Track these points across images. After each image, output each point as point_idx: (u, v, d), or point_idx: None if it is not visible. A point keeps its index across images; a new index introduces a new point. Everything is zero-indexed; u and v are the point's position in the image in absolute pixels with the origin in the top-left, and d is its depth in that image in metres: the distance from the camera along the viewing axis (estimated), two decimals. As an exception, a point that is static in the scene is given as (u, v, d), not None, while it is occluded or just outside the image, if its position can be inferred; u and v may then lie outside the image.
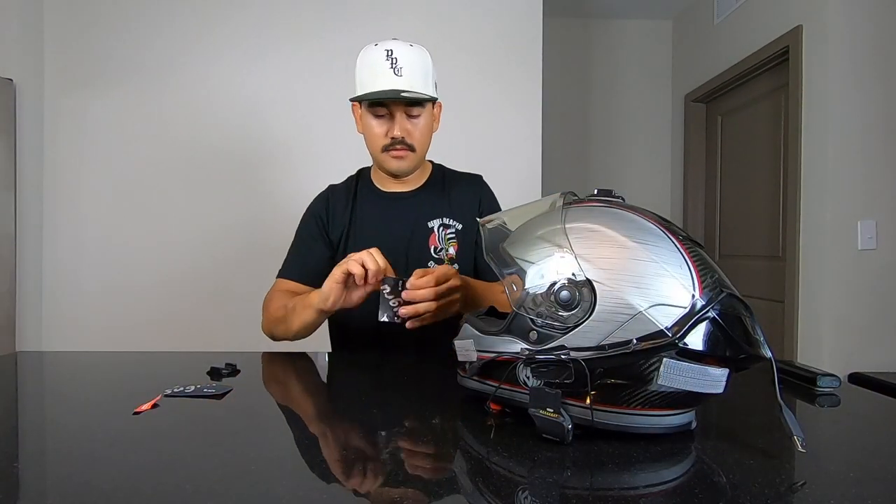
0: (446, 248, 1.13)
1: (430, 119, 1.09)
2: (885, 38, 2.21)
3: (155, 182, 2.51)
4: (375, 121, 1.06)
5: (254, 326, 1.14)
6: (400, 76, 0.99)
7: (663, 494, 0.46)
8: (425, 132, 1.09)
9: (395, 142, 1.05)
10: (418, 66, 1.02)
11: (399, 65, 0.99)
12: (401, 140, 1.05)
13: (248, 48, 2.52)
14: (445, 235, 1.13)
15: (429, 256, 1.12)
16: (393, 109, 1.04)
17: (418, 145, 1.08)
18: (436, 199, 1.16)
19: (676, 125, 3.50)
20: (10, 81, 2.33)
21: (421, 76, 1.02)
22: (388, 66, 0.99)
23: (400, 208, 1.15)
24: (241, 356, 0.93)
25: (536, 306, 0.58)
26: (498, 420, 0.62)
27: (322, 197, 1.21)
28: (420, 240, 1.12)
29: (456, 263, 1.12)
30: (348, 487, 0.47)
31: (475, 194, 1.18)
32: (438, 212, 1.14)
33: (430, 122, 1.10)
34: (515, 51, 2.60)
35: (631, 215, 0.58)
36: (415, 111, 1.05)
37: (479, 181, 1.22)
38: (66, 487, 0.46)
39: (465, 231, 1.14)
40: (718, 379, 0.53)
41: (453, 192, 1.18)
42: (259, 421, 0.66)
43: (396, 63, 0.99)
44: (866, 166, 2.22)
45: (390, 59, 1.00)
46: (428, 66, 1.05)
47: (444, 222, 1.14)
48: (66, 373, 0.97)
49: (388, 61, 1.00)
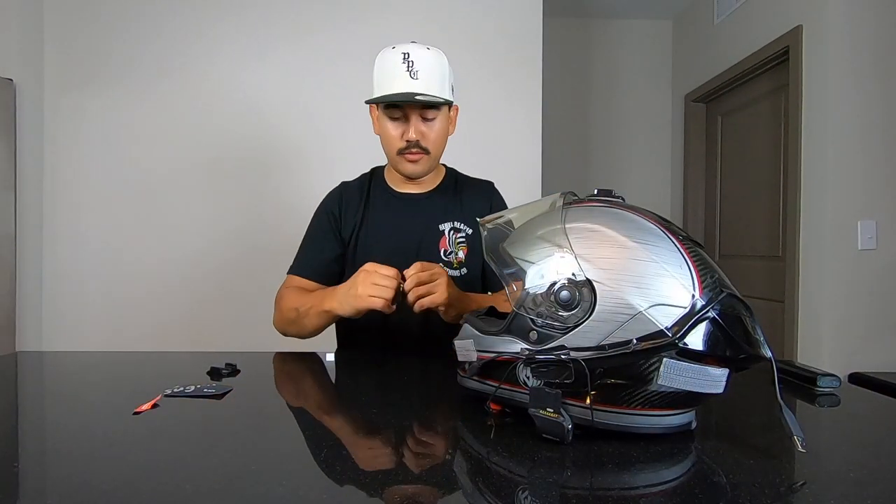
0: (456, 251, 1.13)
1: (445, 122, 1.10)
2: (885, 38, 2.21)
3: (155, 182, 2.51)
4: (391, 123, 1.07)
5: (254, 326, 1.15)
6: (416, 79, 1.00)
7: (663, 494, 0.46)
8: (441, 135, 1.10)
9: (410, 144, 1.06)
10: (435, 69, 1.03)
11: (416, 68, 1.00)
12: (416, 143, 1.06)
13: (249, 48, 2.52)
14: (456, 239, 1.14)
15: (438, 259, 1.12)
16: (408, 112, 1.04)
17: (433, 148, 1.09)
18: (448, 203, 1.17)
19: (676, 125, 3.50)
20: (10, 81, 2.33)
21: (437, 79, 1.03)
22: (404, 68, 1.00)
23: (412, 210, 1.16)
24: (241, 356, 0.93)
25: (536, 306, 0.58)
26: (498, 420, 0.62)
27: (335, 193, 1.21)
28: (430, 242, 1.13)
29: (465, 268, 1.13)
30: (349, 487, 0.46)
31: (486, 200, 1.19)
32: (450, 215, 1.15)
33: (446, 125, 1.11)
34: (515, 51, 2.60)
35: (631, 215, 0.58)
36: (430, 114, 1.05)
37: (491, 188, 1.24)
38: (66, 487, 0.46)
39: (476, 236, 1.14)
40: (718, 379, 0.53)
41: (465, 196, 1.19)
42: (259, 421, 0.66)
43: (413, 66, 1.00)
44: (866, 166, 2.22)
45: (407, 61, 1.00)
46: (444, 69, 1.05)
47: (454, 226, 1.15)
48: (66, 373, 0.97)
49: (404, 64, 1.00)
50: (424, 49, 1.02)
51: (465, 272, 1.13)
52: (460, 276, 1.13)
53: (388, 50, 1.03)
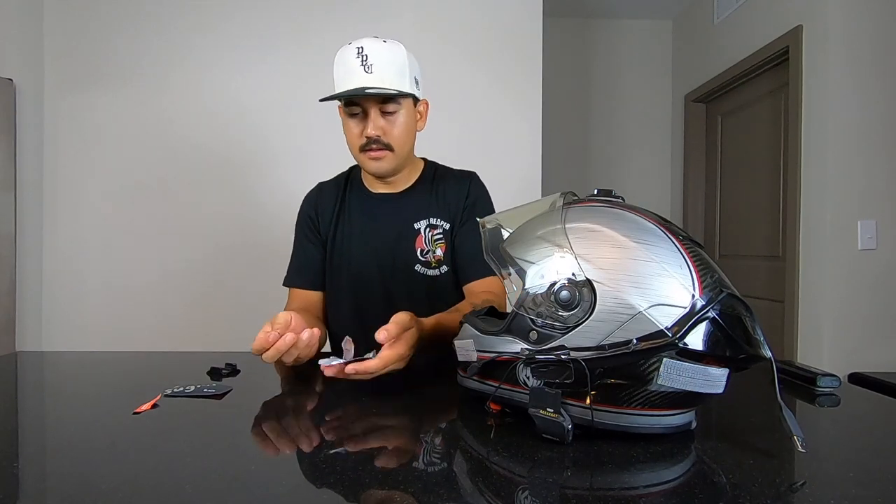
0: (433, 249, 1.10)
1: (409, 117, 1.06)
2: (885, 38, 2.21)
3: (155, 182, 2.51)
4: (352, 121, 1.04)
5: (254, 326, 1.14)
6: (370, 73, 0.97)
7: (663, 494, 0.46)
8: (404, 130, 1.05)
9: (370, 141, 1.02)
10: (391, 61, 0.99)
11: (369, 62, 0.97)
12: (376, 139, 1.02)
13: (249, 48, 2.52)
14: (433, 237, 1.11)
15: (415, 260, 1.10)
16: (367, 108, 1.01)
17: (397, 144, 1.04)
18: (423, 199, 1.13)
19: (676, 125, 3.50)
20: (10, 81, 2.33)
21: (393, 72, 0.99)
22: (358, 63, 0.97)
23: (387, 210, 1.13)
24: (241, 356, 0.93)
25: (536, 306, 0.57)
26: (498, 420, 0.62)
27: (311, 196, 1.20)
28: (407, 242, 1.10)
29: (444, 265, 1.10)
30: (348, 487, 0.46)
31: (462, 190, 1.14)
32: (425, 212, 1.12)
33: (411, 119, 1.06)
34: (515, 51, 2.60)
35: (631, 215, 0.58)
36: (390, 107, 1.01)
37: (470, 176, 1.18)
38: (66, 487, 0.46)
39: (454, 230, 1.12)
40: (718, 379, 0.53)
41: (441, 190, 1.14)
42: (259, 421, 0.66)
43: (367, 60, 0.97)
44: (866, 166, 2.22)
45: (361, 56, 0.98)
46: (402, 61, 1.01)
47: (431, 223, 1.11)
48: (66, 373, 0.97)
49: (358, 59, 0.98)
50: (380, 42, 0.99)
51: (444, 270, 1.10)
52: (439, 274, 1.10)
53: (346, 46, 1.00)
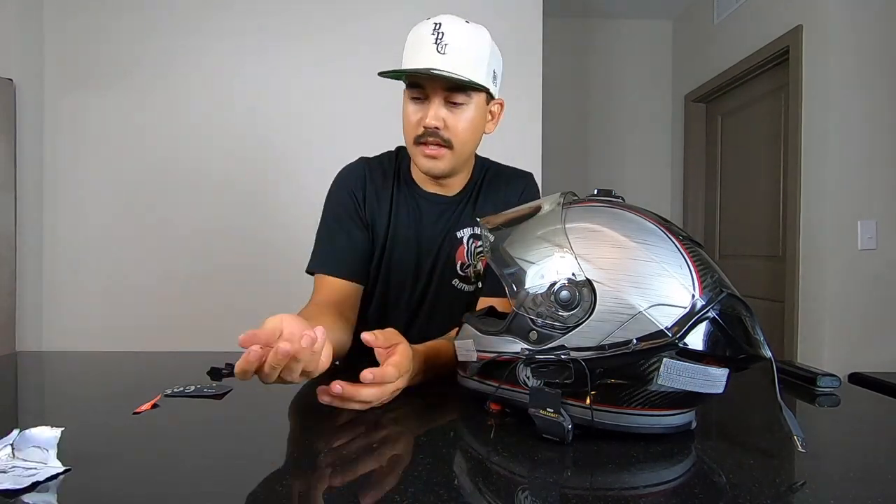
0: (474, 263, 0.98)
1: (478, 113, 0.91)
2: (885, 37, 2.21)
3: (155, 182, 2.51)
4: (412, 106, 0.89)
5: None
6: (443, 53, 0.83)
7: (663, 494, 0.46)
8: (469, 128, 0.90)
9: (427, 132, 0.87)
10: (468, 46, 0.85)
11: (444, 41, 0.83)
12: (434, 130, 0.87)
13: (250, 48, 2.52)
14: (475, 249, 0.98)
15: (454, 274, 0.98)
16: (431, 93, 0.87)
17: (458, 142, 0.89)
18: (471, 205, 1.00)
19: (676, 125, 3.50)
20: (10, 81, 2.33)
21: (470, 58, 0.85)
22: (431, 40, 0.83)
23: (433, 214, 0.99)
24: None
25: (536, 306, 0.57)
26: (498, 420, 0.62)
27: (355, 171, 1.01)
28: (448, 254, 0.98)
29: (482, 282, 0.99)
30: (348, 487, 0.46)
31: (513, 194, 1.01)
32: (470, 219, 0.99)
33: (480, 117, 0.92)
34: (515, 51, 2.59)
35: (631, 215, 0.58)
36: (458, 98, 0.87)
37: (525, 177, 1.06)
38: (66, 487, 0.46)
39: None
40: (718, 379, 0.53)
41: (492, 194, 1.01)
42: (259, 421, 0.66)
43: (442, 39, 0.83)
44: (866, 166, 2.22)
45: (436, 32, 0.84)
46: (483, 49, 0.87)
47: (475, 232, 0.98)
48: (66, 372, 0.97)
49: (433, 35, 0.84)
50: (462, 23, 0.86)
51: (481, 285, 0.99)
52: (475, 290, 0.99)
53: (423, 22, 0.87)
